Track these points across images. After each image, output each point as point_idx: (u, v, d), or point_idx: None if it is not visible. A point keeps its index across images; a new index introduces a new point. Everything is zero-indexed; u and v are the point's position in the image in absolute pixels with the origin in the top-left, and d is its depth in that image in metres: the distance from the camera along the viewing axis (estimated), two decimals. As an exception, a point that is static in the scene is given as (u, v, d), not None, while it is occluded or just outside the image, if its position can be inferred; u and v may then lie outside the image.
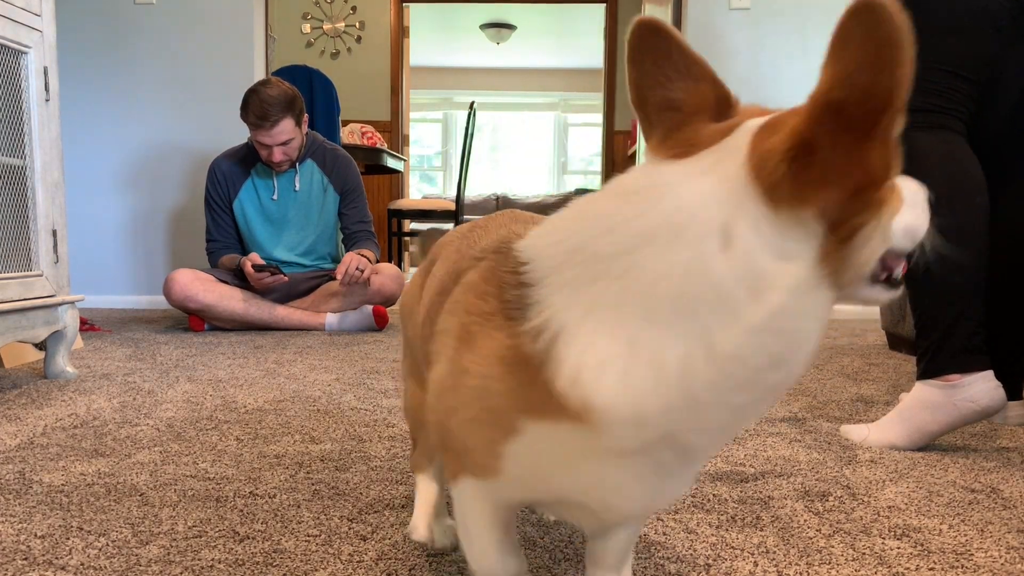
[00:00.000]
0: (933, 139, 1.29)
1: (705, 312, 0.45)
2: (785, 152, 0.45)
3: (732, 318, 0.45)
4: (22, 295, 1.70)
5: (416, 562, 0.83)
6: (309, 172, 2.88)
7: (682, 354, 0.46)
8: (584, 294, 0.49)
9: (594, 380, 0.48)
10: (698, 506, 1.01)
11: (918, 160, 1.30)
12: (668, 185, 0.48)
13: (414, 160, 10.51)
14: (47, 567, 0.82)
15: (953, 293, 1.27)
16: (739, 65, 3.43)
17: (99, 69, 3.46)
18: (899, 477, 1.15)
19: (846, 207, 0.45)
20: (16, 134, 1.72)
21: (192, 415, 1.49)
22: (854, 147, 0.43)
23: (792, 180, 0.44)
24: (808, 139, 0.44)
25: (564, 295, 0.50)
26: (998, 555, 0.87)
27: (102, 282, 3.54)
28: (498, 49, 9.12)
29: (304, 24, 6.31)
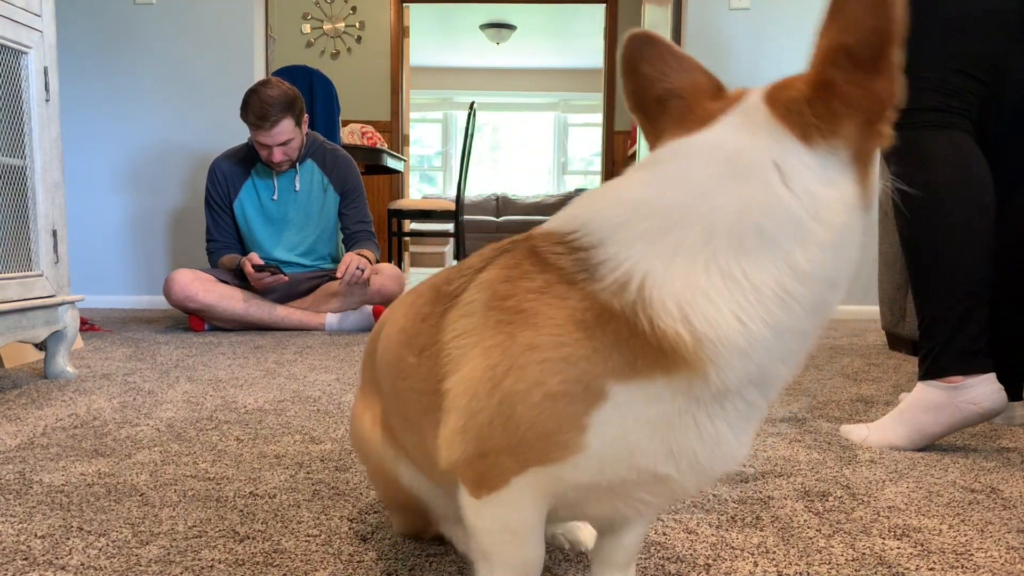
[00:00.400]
0: (941, 138, 1.29)
1: (784, 238, 0.51)
2: (808, 95, 0.53)
3: (806, 240, 0.51)
4: (22, 295, 1.70)
5: (416, 562, 0.83)
6: (309, 172, 2.88)
7: (774, 277, 0.51)
8: (664, 242, 0.52)
9: (703, 312, 0.50)
10: (698, 506, 1.01)
11: (925, 158, 1.29)
12: (714, 143, 0.54)
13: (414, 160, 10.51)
14: (47, 567, 0.82)
15: (958, 294, 1.27)
16: (739, 65, 3.43)
17: (99, 69, 3.46)
18: (899, 477, 1.15)
19: (863, 136, 0.53)
20: (16, 134, 1.72)
21: (192, 415, 1.49)
22: (865, 80, 0.51)
23: (819, 117, 0.52)
24: (825, 80, 0.52)
25: (641, 246, 0.52)
26: (998, 555, 0.87)
27: (102, 282, 3.54)
28: (498, 49, 9.12)
29: (304, 24, 6.31)
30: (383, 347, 0.74)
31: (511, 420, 0.55)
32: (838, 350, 2.43)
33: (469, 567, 0.82)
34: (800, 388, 1.81)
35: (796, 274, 0.51)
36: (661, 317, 0.50)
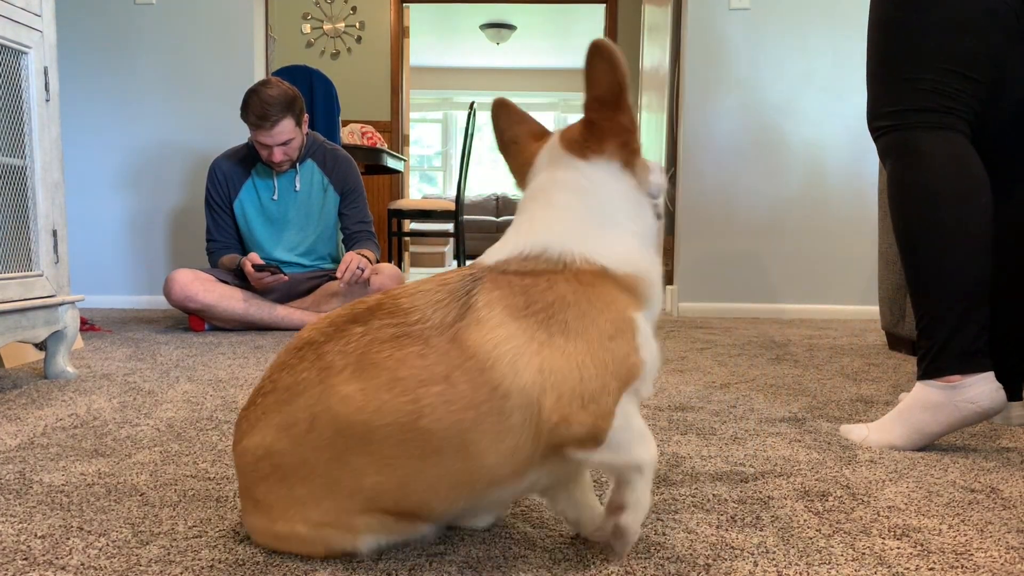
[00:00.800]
0: (937, 139, 1.29)
1: (629, 211, 0.84)
2: (581, 131, 0.84)
3: (639, 209, 0.85)
4: (22, 295, 1.70)
5: (416, 562, 0.83)
6: (309, 172, 2.88)
7: (638, 233, 0.84)
8: (601, 232, 0.82)
9: (627, 258, 0.81)
10: (698, 506, 1.01)
11: (922, 159, 1.29)
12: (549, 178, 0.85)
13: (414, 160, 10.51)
14: (47, 567, 0.82)
15: (957, 294, 1.27)
16: (739, 65, 3.44)
17: (99, 69, 3.46)
18: (899, 477, 1.15)
19: (622, 152, 0.83)
20: (16, 134, 1.72)
21: (192, 415, 1.49)
22: (612, 116, 0.81)
23: (588, 142, 0.83)
24: (590, 119, 0.82)
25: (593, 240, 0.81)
26: (998, 555, 0.87)
27: (102, 282, 3.55)
28: (498, 49, 9.12)
29: (304, 24, 6.31)
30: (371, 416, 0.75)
31: (603, 367, 0.75)
32: (838, 350, 2.43)
33: (469, 567, 0.82)
34: (800, 388, 1.81)
35: (641, 229, 0.84)
36: (629, 268, 0.81)
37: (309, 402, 0.77)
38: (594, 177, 0.83)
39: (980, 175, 1.29)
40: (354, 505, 0.78)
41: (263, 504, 0.82)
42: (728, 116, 3.45)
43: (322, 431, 0.76)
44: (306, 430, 0.77)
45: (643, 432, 0.78)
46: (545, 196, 0.84)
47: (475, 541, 0.89)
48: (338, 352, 0.78)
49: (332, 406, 0.76)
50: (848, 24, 3.39)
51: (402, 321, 0.78)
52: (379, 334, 0.77)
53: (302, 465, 0.78)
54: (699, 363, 2.16)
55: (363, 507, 0.78)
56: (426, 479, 0.76)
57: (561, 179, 0.84)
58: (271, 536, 0.83)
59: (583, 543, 0.89)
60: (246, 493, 0.84)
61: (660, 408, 1.59)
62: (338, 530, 0.80)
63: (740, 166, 3.46)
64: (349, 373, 0.76)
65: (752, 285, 3.50)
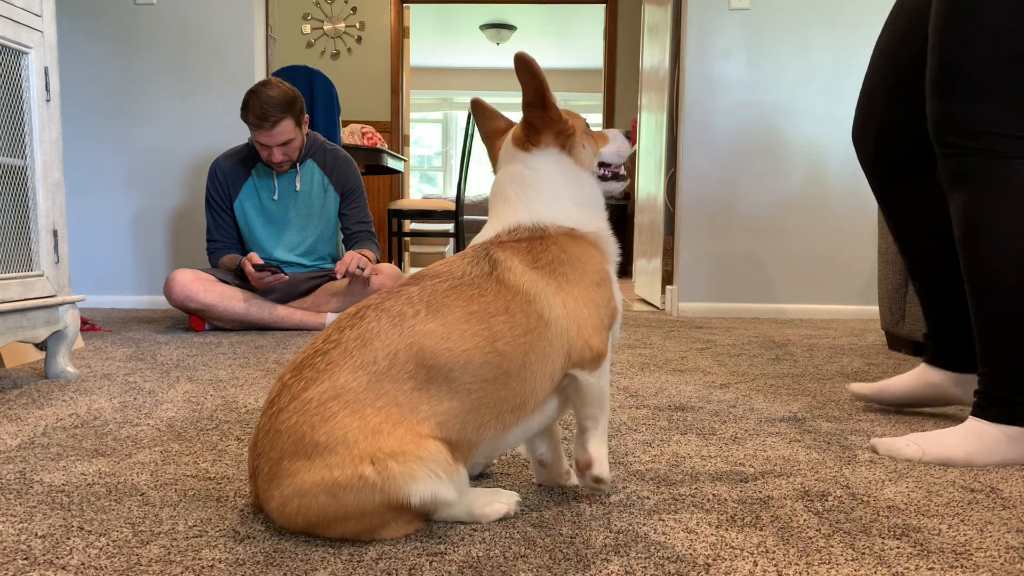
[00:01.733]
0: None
1: (569, 185, 1.05)
2: (522, 130, 1.05)
3: (579, 182, 1.06)
4: (23, 295, 1.70)
5: (416, 562, 0.83)
6: (310, 172, 2.88)
7: (579, 201, 1.05)
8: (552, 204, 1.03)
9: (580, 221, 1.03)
10: (698, 506, 1.02)
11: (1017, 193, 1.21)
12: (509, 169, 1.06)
13: (414, 160, 10.51)
14: (48, 567, 0.82)
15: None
16: (739, 65, 3.44)
17: (100, 69, 3.46)
18: (898, 477, 1.15)
19: (556, 138, 1.04)
20: (17, 134, 1.72)
21: (193, 415, 1.49)
22: (542, 115, 1.03)
23: (528, 137, 1.04)
24: (526, 120, 1.04)
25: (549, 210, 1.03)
26: (997, 555, 0.87)
27: (102, 282, 3.55)
28: (498, 49, 9.12)
29: (304, 24, 6.31)
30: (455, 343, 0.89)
31: (597, 308, 0.98)
32: (838, 350, 2.43)
33: (469, 567, 0.82)
34: (800, 388, 1.81)
35: (571, 198, 1.04)
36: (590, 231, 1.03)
37: (386, 343, 0.88)
38: (536, 165, 1.04)
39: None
40: (425, 430, 0.86)
41: (323, 447, 0.84)
42: (728, 116, 3.45)
43: (404, 364, 0.87)
44: (387, 367, 0.87)
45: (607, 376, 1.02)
46: (503, 188, 1.05)
47: (475, 541, 0.89)
48: (404, 303, 0.91)
49: (415, 341, 0.88)
50: (848, 24, 3.40)
51: (450, 278, 0.94)
52: (437, 287, 0.93)
53: (379, 397, 0.86)
54: (699, 363, 2.16)
55: (432, 432, 0.87)
56: (492, 401, 0.90)
57: (512, 172, 1.05)
58: (323, 488, 0.83)
59: (583, 543, 0.89)
60: (297, 448, 0.85)
61: (660, 408, 1.59)
62: (404, 463, 0.84)
63: (740, 166, 3.46)
64: (424, 315, 0.90)
65: (752, 285, 3.50)
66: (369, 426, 0.85)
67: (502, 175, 1.06)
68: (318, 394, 0.86)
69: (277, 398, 0.89)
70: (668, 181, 3.71)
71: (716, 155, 3.46)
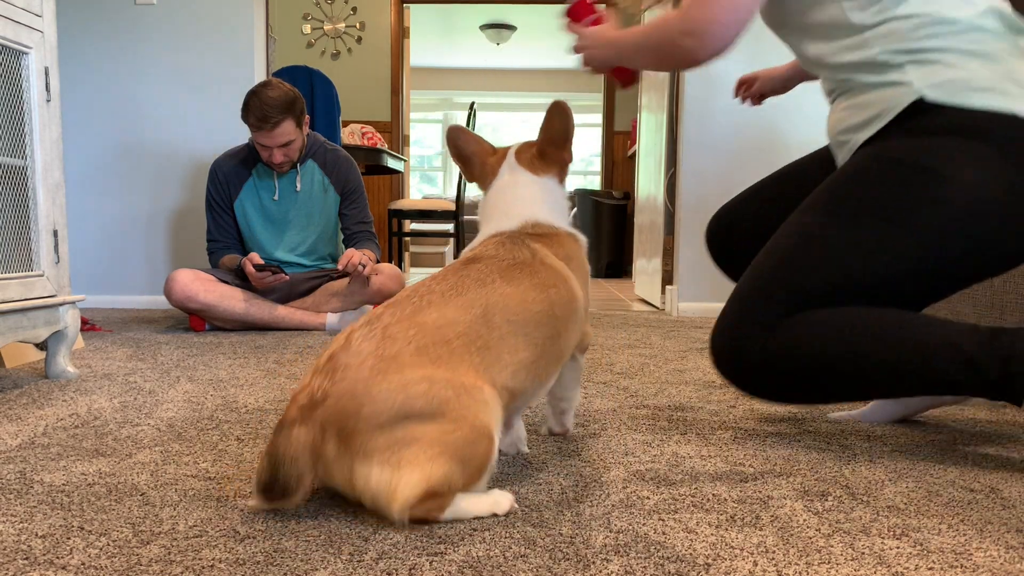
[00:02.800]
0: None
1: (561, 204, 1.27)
2: (536, 155, 1.25)
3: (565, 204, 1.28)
4: (23, 295, 1.70)
5: (416, 562, 0.83)
6: (310, 172, 2.88)
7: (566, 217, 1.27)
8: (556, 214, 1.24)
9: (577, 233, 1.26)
10: (698, 506, 1.02)
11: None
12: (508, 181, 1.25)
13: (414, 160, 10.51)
14: (48, 567, 0.82)
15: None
16: (739, 65, 3.43)
17: (100, 69, 3.46)
18: (898, 477, 1.15)
19: (559, 173, 1.27)
20: (17, 134, 1.73)
21: (193, 415, 1.49)
22: (558, 153, 1.25)
23: (541, 164, 1.25)
24: (542, 150, 1.24)
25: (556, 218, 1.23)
26: (997, 555, 0.87)
27: (102, 282, 3.55)
28: (498, 50, 9.12)
29: (304, 25, 6.31)
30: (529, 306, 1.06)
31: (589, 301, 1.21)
32: (838, 350, 2.43)
33: (469, 567, 0.82)
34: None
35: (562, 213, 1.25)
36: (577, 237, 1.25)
37: (476, 296, 1.02)
38: (543, 185, 1.24)
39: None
40: (504, 376, 1.00)
41: (442, 360, 0.95)
42: (728, 116, 3.45)
43: (492, 316, 1.01)
44: (481, 314, 1.01)
45: None
46: (515, 193, 1.23)
47: (475, 541, 0.89)
48: (478, 272, 1.07)
49: (498, 300, 1.03)
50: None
51: (505, 258, 1.11)
52: (499, 264, 1.09)
53: (478, 337, 0.99)
54: (699, 363, 2.16)
55: (509, 377, 1.01)
56: (547, 355, 1.08)
57: (523, 182, 1.23)
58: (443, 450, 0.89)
59: (583, 542, 0.89)
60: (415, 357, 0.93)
61: (660, 408, 1.59)
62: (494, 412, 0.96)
63: (740, 166, 3.46)
64: (501, 281, 1.06)
65: (752, 285, 3.50)
66: (474, 362, 0.97)
67: (514, 181, 1.24)
68: (434, 319, 0.98)
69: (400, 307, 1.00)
70: (668, 181, 3.71)
71: (716, 155, 3.46)
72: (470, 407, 0.91)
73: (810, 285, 1.25)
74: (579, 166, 10.62)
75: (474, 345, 0.98)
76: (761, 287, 1.29)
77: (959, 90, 1.20)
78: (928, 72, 1.23)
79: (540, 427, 1.40)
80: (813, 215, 1.29)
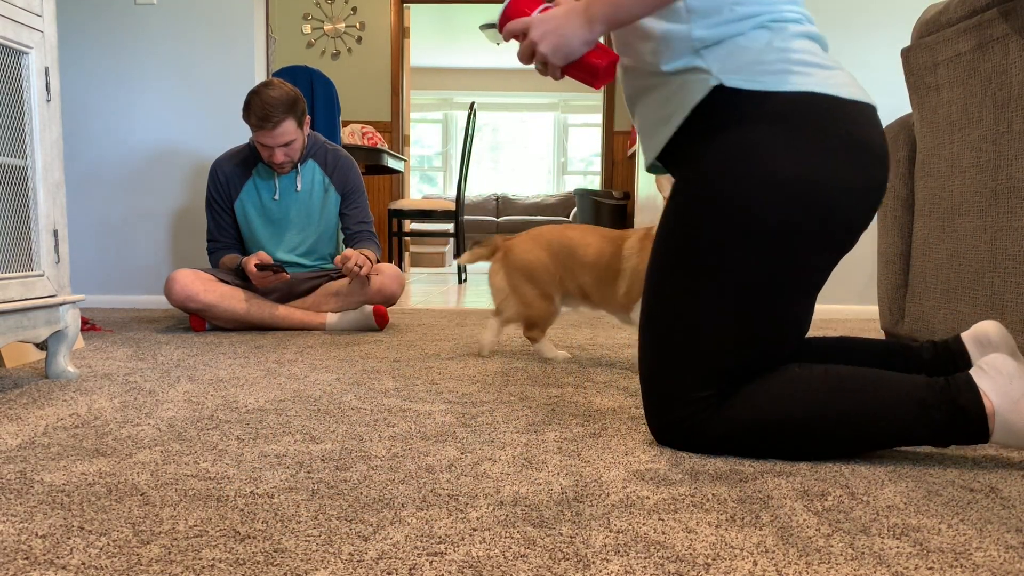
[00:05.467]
0: None
1: None
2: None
3: None
4: (23, 295, 1.70)
5: (416, 562, 0.83)
6: (311, 172, 2.88)
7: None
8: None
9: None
10: (697, 506, 1.02)
11: None
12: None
13: (414, 160, 10.51)
14: (48, 566, 0.82)
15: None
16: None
17: (100, 69, 3.46)
18: (898, 477, 1.15)
19: None
20: (17, 134, 1.73)
21: (193, 415, 1.49)
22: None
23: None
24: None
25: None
26: (997, 554, 0.87)
27: (102, 282, 3.55)
28: (498, 50, 9.12)
29: (304, 24, 6.31)
30: (592, 261, 2.03)
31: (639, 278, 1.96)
32: (838, 350, 2.43)
33: (469, 567, 0.82)
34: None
35: None
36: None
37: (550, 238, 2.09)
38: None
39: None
40: (569, 287, 2.07)
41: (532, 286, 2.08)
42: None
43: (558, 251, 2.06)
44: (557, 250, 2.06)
45: None
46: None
47: (475, 541, 0.89)
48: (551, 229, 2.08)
49: (566, 243, 2.06)
50: (847, 24, 3.39)
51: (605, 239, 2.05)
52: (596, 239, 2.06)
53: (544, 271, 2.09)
54: (699, 363, 2.16)
55: (571, 288, 2.07)
56: (598, 296, 2.03)
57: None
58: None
59: (583, 542, 0.89)
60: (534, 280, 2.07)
61: (660, 408, 1.59)
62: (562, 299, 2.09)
63: (740, 166, 3.46)
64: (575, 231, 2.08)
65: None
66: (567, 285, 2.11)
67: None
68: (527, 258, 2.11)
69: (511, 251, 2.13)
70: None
71: (716, 155, 3.46)
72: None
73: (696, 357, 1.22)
74: (579, 166, 10.62)
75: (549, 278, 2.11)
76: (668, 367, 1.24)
77: (755, 74, 1.17)
78: (724, 56, 1.18)
79: (540, 427, 1.40)
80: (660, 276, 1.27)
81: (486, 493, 1.06)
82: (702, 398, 1.22)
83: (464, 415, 1.51)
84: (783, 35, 1.19)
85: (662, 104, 1.27)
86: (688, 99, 1.22)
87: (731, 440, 1.22)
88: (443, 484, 1.09)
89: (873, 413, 1.16)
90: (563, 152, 10.61)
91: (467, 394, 1.70)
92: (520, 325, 2.15)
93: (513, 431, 1.39)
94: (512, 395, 1.69)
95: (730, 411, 1.21)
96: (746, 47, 1.18)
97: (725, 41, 1.19)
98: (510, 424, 1.44)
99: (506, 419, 1.48)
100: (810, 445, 1.20)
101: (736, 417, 1.21)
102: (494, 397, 1.67)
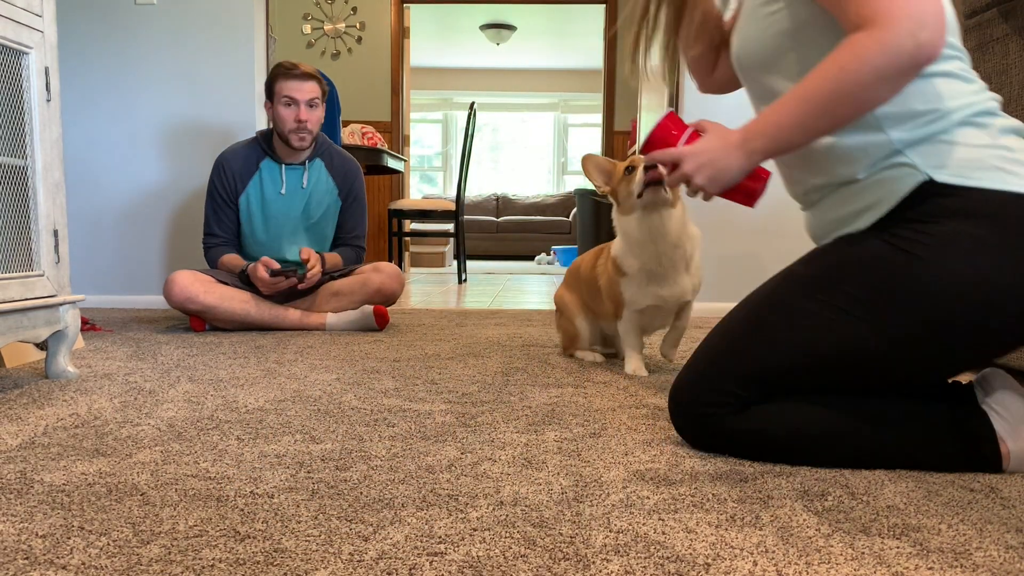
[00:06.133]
0: None
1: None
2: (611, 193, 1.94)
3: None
4: (23, 295, 1.70)
5: (416, 562, 0.83)
6: (317, 172, 2.88)
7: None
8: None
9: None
10: (697, 506, 1.02)
11: None
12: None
13: (414, 160, 10.51)
14: (48, 566, 0.82)
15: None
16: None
17: (100, 69, 3.46)
18: (898, 477, 1.15)
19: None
20: (17, 134, 1.73)
21: (193, 415, 1.49)
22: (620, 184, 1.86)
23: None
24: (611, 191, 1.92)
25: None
26: (997, 554, 0.87)
27: (102, 282, 3.55)
28: (498, 50, 9.12)
29: (305, 25, 6.32)
30: (584, 278, 2.09)
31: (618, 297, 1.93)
32: (838, 350, 2.43)
33: (469, 567, 0.82)
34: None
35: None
36: None
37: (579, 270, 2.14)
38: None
39: None
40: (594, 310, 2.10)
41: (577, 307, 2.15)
42: (728, 116, 3.44)
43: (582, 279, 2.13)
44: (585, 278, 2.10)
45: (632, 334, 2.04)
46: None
47: (475, 541, 0.89)
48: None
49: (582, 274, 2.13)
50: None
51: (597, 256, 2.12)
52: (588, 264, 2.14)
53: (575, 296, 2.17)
54: (699, 363, 2.15)
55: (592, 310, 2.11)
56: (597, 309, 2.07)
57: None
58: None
59: (583, 542, 0.89)
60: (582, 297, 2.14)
61: (660, 408, 1.59)
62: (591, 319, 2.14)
63: (740, 166, 3.46)
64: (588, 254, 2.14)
65: (752, 285, 3.47)
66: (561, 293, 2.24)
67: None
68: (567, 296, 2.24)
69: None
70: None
71: (716, 155, 3.46)
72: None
73: (776, 359, 1.19)
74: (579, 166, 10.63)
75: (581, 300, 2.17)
76: (730, 355, 1.23)
77: (968, 170, 1.12)
78: (931, 152, 1.14)
79: (540, 427, 1.40)
80: (789, 288, 1.24)
81: (486, 493, 1.06)
82: (735, 394, 1.21)
83: (464, 415, 1.51)
84: (991, 131, 1.15)
85: (855, 195, 1.22)
86: (894, 191, 1.16)
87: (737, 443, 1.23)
88: (443, 484, 1.09)
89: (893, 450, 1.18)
90: (563, 152, 10.61)
91: (467, 394, 1.70)
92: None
93: (513, 431, 1.39)
94: (512, 395, 1.69)
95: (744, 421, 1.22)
96: (956, 143, 1.14)
97: (930, 139, 1.15)
98: (510, 424, 1.44)
99: (506, 419, 1.48)
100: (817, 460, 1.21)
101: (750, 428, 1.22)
102: (494, 397, 1.67)
